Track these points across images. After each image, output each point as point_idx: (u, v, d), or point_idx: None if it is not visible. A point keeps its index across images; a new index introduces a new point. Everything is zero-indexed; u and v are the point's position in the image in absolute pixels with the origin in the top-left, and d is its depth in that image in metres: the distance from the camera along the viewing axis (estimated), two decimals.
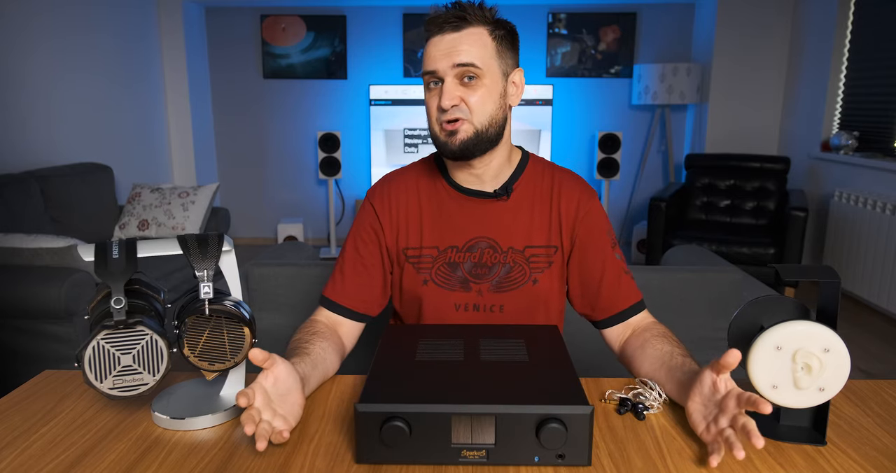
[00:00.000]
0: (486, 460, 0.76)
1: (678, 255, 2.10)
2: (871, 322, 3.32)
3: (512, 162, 1.14)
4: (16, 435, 0.85)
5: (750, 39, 4.44)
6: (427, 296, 1.12)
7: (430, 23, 1.02)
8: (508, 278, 1.11)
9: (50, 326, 2.22)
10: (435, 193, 1.14)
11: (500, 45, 1.04)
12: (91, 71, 3.79)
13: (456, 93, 1.01)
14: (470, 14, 1.01)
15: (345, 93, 5.01)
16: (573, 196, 1.13)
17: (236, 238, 5.26)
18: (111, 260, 0.80)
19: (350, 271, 1.14)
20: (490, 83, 1.03)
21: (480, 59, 1.01)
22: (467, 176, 1.11)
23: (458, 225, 1.12)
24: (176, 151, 4.76)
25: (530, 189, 1.13)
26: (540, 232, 1.12)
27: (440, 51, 1.01)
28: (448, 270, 1.11)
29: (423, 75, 1.05)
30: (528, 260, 1.11)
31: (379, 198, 1.15)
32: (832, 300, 0.83)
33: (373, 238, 1.14)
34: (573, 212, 1.12)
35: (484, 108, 1.03)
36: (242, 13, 4.92)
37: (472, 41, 1.01)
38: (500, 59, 1.04)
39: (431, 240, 1.12)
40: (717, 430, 0.77)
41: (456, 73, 1.01)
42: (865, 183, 3.59)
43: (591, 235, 1.12)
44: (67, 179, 3.20)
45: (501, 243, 1.11)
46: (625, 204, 5.06)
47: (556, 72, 4.90)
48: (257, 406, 0.78)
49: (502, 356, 0.90)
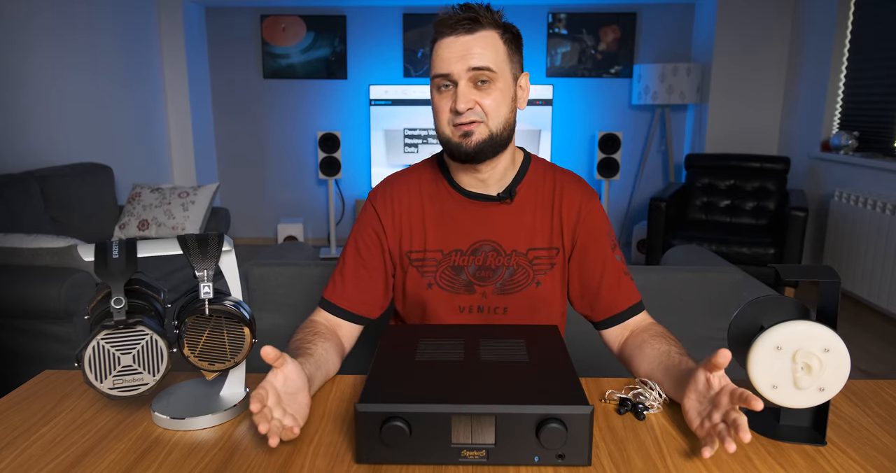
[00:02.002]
0: (486, 460, 0.76)
1: (678, 255, 2.10)
2: (871, 322, 3.32)
3: (515, 164, 1.14)
4: (16, 435, 0.85)
5: (750, 39, 4.45)
6: (431, 300, 1.12)
7: (441, 24, 1.02)
8: (512, 280, 1.11)
9: (50, 326, 2.22)
10: (438, 196, 1.13)
11: (509, 48, 1.04)
12: (91, 71, 3.79)
13: (471, 97, 1.01)
14: (482, 16, 1.01)
15: (345, 93, 5.01)
16: (575, 198, 1.13)
17: (236, 238, 5.26)
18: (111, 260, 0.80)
19: (351, 273, 1.13)
20: (503, 86, 1.03)
21: (494, 63, 1.01)
22: (471, 179, 1.11)
23: (462, 228, 1.12)
24: (176, 151, 4.76)
25: (533, 191, 1.13)
26: (542, 234, 1.12)
27: (454, 53, 1.00)
28: (452, 273, 1.12)
29: (434, 77, 1.04)
30: (532, 262, 1.11)
31: (381, 201, 1.15)
32: (832, 300, 0.83)
33: (375, 240, 1.14)
34: (575, 214, 1.12)
35: (499, 112, 1.03)
36: (242, 13, 4.92)
37: (486, 44, 1.01)
38: (510, 62, 1.04)
39: (435, 244, 1.12)
40: (710, 425, 0.78)
41: (470, 77, 1.01)
42: (865, 183, 3.59)
43: (591, 236, 1.13)
44: (67, 179, 3.20)
45: (505, 246, 1.11)
46: (625, 204, 5.06)
47: (556, 72, 4.90)
48: (269, 404, 0.78)
49: (502, 356, 0.90)
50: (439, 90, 1.04)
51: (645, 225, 4.57)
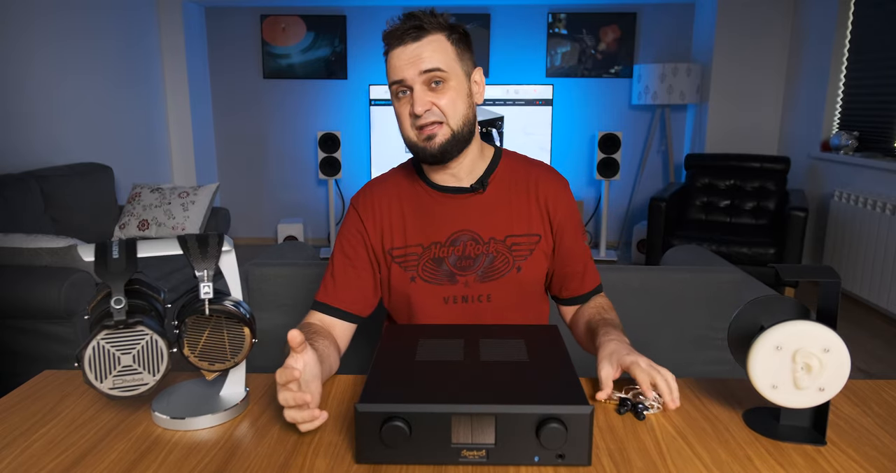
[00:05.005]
0: (486, 460, 0.76)
1: (678, 255, 2.10)
2: (871, 322, 3.32)
3: (485, 157, 1.18)
4: (16, 435, 0.85)
5: (750, 39, 4.44)
6: (415, 293, 1.15)
7: (389, 36, 1.07)
8: (492, 267, 1.14)
9: (50, 326, 2.22)
10: (415, 194, 1.18)
11: (458, 48, 1.09)
12: (91, 71, 3.79)
13: (427, 99, 1.06)
14: (426, 22, 1.05)
15: (345, 94, 5.01)
16: (550, 187, 1.18)
17: (236, 238, 5.26)
18: (111, 260, 0.80)
19: (340, 274, 1.17)
20: (456, 85, 1.08)
21: (444, 63, 1.06)
22: (444, 176, 1.15)
23: (439, 221, 1.15)
24: (176, 151, 4.76)
25: (506, 181, 1.17)
26: (520, 221, 1.16)
27: (404, 61, 1.05)
28: (434, 265, 1.15)
29: (390, 85, 1.09)
30: (511, 248, 1.15)
31: (362, 204, 1.20)
32: (832, 300, 0.83)
33: (359, 240, 1.18)
34: (552, 202, 1.17)
35: (456, 109, 1.08)
36: (242, 13, 4.92)
37: (434, 47, 1.06)
38: (460, 60, 1.09)
39: (415, 239, 1.16)
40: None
41: (423, 80, 1.05)
42: (865, 183, 3.59)
43: (565, 223, 1.18)
44: (67, 179, 3.20)
45: (483, 234, 1.15)
46: (625, 204, 5.06)
47: (556, 72, 4.90)
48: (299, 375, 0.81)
49: (502, 356, 0.90)
50: (398, 97, 1.09)
51: (645, 225, 4.57)
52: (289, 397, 0.79)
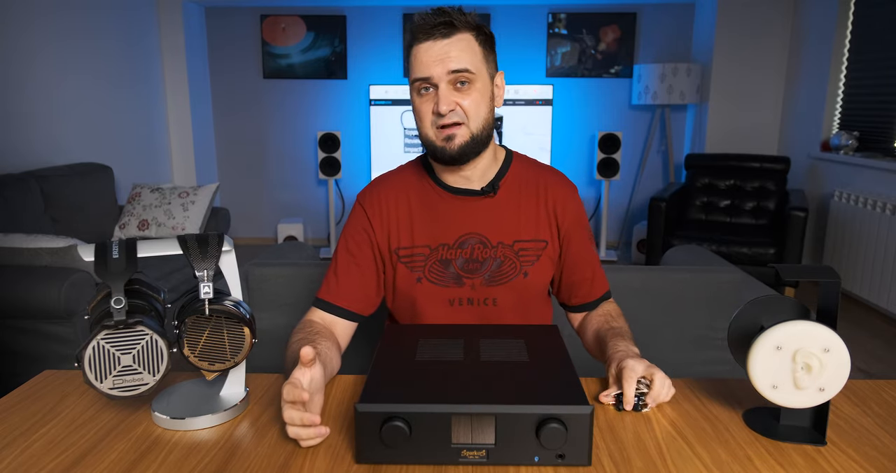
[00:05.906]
0: (486, 460, 0.76)
1: (678, 255, 2.10)
2: (871, 322, 3.31)
3: (497, 160, 1.17)
4: (16, 435, 0.85)
5: (750, 39, 4.44)
6: (421, 294, 1.14)
7: (417, 29, 1.05)
8: (500, 272, 1.14)
9: (50, 326, 2.22)
10: (424, 194, 1.16)
11: (485, 50, 1.07)
12: (91, 71, 3.79)
13: (451, 98, 1.04)
14: (457, 20, 1.03)
15: (345, 94, 5.01)
16: (558, 192, 1.17)
17: (236, 238, 5.26)
18: (111, 260, 0.80)
19: (343, 272, 1.15)
20: (481, 87, 1.06)
21: (472, 64, 1.04)
22: (456, 177, 1.14)
23: (448, 222, 1.14)
24: (176, 151, 4.75)
25: (516, 185, 1.16)
26: (528, 226, 1.15)
27: (432, 57, 1.03)
28: (441, 267, 1.14)
29: (413, 81, 1.07)
30: (518, 253, 1.14)
31: (369, 201, 1.18)
32: (832, 300, 0.83)
33: (364, 238, 1.16)
34: (560, 208, 1.16)
35: (478, 112, 1.06)
36: (242, 13, 4.92)
37: (462, 46, 1.04)
38: (486, 62, 1.08)
39: (423, 239, 1.14)
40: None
41: (450, 79, 1.04)
42: (865, 183, 3.59)
43: (572, 231, 1.17)
44: (67, 179, 3.20)
45: (491, 238, 1.14)
46: (625, 204, 5.06)
47: (556, 72, 4.90)
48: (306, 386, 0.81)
49: (502, 356, 0.90)
50: (419, 93, 1.07)
51: (645, 225, 4.57)
52: (295, 416, 0.77)
